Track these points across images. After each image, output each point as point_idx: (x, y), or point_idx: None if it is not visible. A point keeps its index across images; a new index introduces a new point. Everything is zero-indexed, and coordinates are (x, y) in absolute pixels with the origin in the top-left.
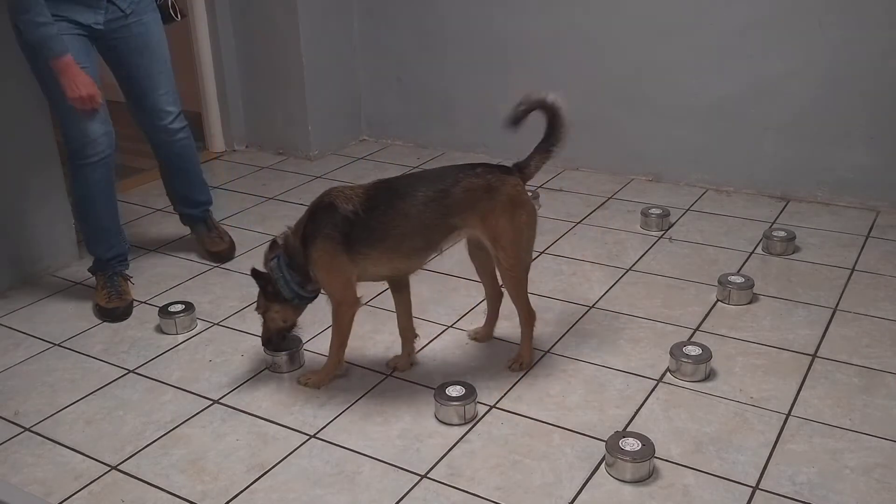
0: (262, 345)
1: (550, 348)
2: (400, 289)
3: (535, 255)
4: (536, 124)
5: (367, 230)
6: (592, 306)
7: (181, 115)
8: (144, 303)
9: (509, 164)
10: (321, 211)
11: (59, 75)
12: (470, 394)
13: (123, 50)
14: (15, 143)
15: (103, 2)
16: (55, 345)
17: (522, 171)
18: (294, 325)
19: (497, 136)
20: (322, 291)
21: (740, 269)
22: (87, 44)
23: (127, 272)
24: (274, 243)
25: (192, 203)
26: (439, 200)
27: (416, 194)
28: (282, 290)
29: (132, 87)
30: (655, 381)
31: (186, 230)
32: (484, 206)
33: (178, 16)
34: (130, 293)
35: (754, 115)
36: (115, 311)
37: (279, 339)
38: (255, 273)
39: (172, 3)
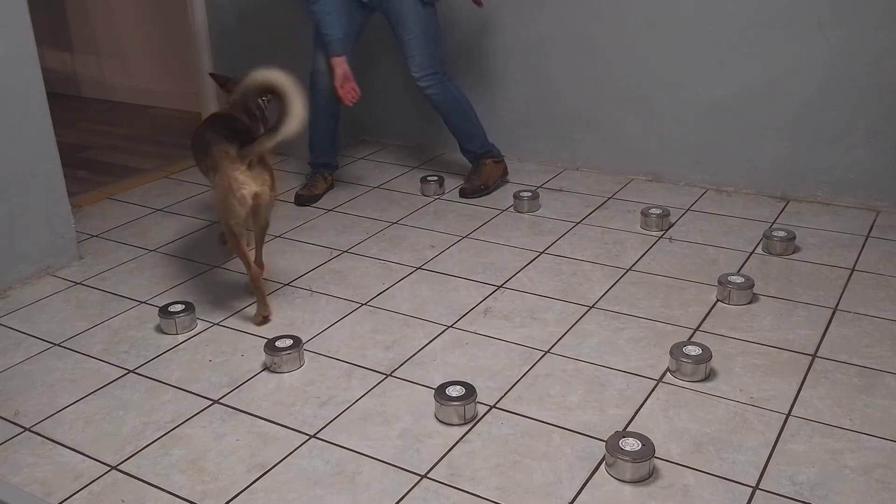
0: None
1: (550, 348)
2: None
3: (535, 255)
4: (540, 125)
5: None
6: (592, 306)
7: (431, 75)
8: (144, 303)
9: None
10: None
11: (333, 68)
12: (470, 394)
13: (390, 20)
14: (15, 142)
15: None
16: (55, 345)
17: (245, 145)
18: None
19: (497, 135)
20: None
21: (740, 269)
22: (356, 11)
23: (330, 175)
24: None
25: (461, 148)
26: (207, 141)
27: (212, 127)
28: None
29: (401, 49)
30: (655, 381)
31: (187, 230)
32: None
33: None
34: (320, 189)
35: (754, 115)
36: (300, 196)
37: None
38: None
39: None
